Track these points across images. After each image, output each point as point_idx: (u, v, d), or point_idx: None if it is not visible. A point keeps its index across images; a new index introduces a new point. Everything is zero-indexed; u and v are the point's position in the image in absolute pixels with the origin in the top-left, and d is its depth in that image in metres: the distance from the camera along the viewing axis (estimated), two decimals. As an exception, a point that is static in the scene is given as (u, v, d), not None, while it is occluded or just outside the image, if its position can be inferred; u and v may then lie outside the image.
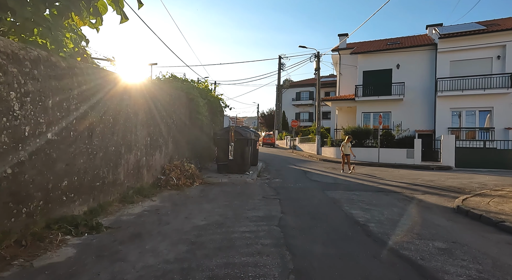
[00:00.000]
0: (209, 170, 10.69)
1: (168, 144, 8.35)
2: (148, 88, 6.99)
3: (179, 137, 9.36)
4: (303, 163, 16.21)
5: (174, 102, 8.78)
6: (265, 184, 8.68)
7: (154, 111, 7.35)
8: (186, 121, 9.96)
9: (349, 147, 12.44)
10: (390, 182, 9.80)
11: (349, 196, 7.21)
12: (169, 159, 8.46)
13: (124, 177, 5.93)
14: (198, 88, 11.55)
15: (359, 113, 21.36)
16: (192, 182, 8.10)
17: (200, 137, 11.72)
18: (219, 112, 13.82)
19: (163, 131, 8.00)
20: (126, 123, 5.94)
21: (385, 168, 14.36)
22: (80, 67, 4.53)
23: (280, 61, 37.68)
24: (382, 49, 20.69)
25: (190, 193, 7.09)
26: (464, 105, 17.71)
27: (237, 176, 9.38)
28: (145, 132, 6.82)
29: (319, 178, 10.34)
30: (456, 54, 18.14)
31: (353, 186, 8.77)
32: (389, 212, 5.65)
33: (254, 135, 11.44)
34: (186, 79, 11.10)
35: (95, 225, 4.13)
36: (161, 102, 7.77)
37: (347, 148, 12.37)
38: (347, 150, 12.38)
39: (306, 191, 7.75)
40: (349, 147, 12.44)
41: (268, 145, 33.90)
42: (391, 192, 7.96)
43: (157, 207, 5.59)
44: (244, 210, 5.48)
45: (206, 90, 12.02)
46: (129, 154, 6.10)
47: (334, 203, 6.37)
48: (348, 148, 12.37)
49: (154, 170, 7.42)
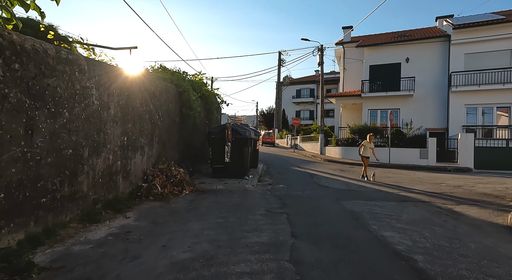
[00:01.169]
0: (203, 174, 9.37)
1: (152, 145, 7.03)
2: (125, 77, 5.66)
3: (167, 136, 8.04)
4: (307, 164, 14.91)
5: (160, 95, 7.45)
6: (267, 192, 7.37)
7: (134, 105, 6.03)
8: (175, 118, 8.64)
9: (371, 147, 10.13)
10: (411, 188, 8.50)
11: (371, 208, 5.91)
12: (154, 163, 7.14)
13: (89, 188, 4.61)
14: (191, 81, 10.21)
15: (365, 111, 20.05)
16: (181, 190, 6.78)
17: (193, 136, 10.40)
18: (215, 109, 12.49)
19: (146, 129, 6.68)
20: (91, 119, 4.61)
21: (398, 170, 13.06)
22: (8, 38, 3.20)
23: (280, 57, 36.35)
24: (390, 42, 19.38)
25: (177, 205, 5.77)
26: (481, 101, 16.41)
27: (235, 182, 8.06)
28: (120, 130, 5.50)
29: (329, 183, 9.03)
30: (471, 46, 16.83)
31: (371, 194, 7.47)
32: (431, 233, 4.35)
33: (254, 134, 10.13)
34: (177, 70, 9.75)
35: (24, 266, 2.82)
36: (143, 95, 6.45)
37: (367, 149, 10.04)
38: (368, 151, 10.05)
39: (317, 201, 6.44)
40: (371, 147, 10.13)
41: (268, 144, 32.59)
42: (419, 201, 6.67)
43: (129, 227, 4.27)
44: (243, 233, 4.17)
45: (200, 83, 10.68)
46: (97, 158, 4.78)
47: (357, 219, 5.06)
48: (369, 149, 10.05)
49: (133, 177, 6.10)
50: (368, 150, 10.00)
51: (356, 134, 17.28)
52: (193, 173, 8.94)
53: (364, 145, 10.05)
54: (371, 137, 10.10)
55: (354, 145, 17.19)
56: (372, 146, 10.08)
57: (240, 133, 8.48)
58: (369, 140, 10.04)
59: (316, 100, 45.32)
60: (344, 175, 11.08)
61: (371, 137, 10.09)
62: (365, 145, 10.05)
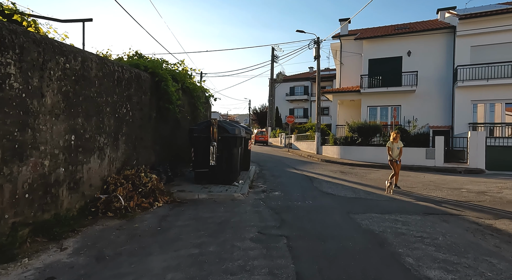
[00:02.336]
0: (185, 179, 8.00)
1: (117, 145, 5.63)
2: (73, 56, 4.26)
3: (140, 134, 6.65)
4: (303, 165, 13.62)
5: (129, 84, 6.05)
6: (260, 202, 6.04)
7: (88, 94, 4.63)
8: (151, 113, 7.24)
9: (400, 148, 7.90)
10: (428, 195, 7.28)
11: (392, 225, 4.64)
12: (120, 167, 5.74)
13: (4, 208, 3.21)
14: (171, 70, 8.80)
15: (364, 107, 18.87)
16: (152, 202, 5.41)
17: (175, 134, 9.02)
18: (202, 104, 11.06)
19: (108, 126, 5.28)
20: (8, 109, 3.22)
21: (405, 172, 11.86)
22: None
23: (273, 53, 35.06)
24: (391, 34, 18.21)
25: (142, 224, 4.40)
26: (489, 96, 15.33)
27: (221, 189, 6.72)
28: (63, 126, 4.10)
29: (332, 189, 7.75)
30: (478, 38, 15.75)
31: (385, 204, 6.21)
32: (492, 270, 3.08)
33: (245, 132, 8.79)
34: (156, 59, 8.32)
35: None
36: (102, 82, 5.05)
37: (396, 150, 7.87)
38: (396, 152, 7.87)
39: (323, 216, 5.14)
40: (400, 148, 7.90)
41: (261, 143, 31.27)
42: (447, 214, 5.42)
43: (55, 269, 2.90)
44: (225, 276, 2.83)
45: (183, 74, 9.27)
46: (19, 165, 3.38)
47: (381, 245, 3.77)
48: (397, 150, 7.88)
49: (86, 187, 4.70)
50: (397, 152, 7.85)
51: (356, 133, 16.06)
52: (172, 178, 7.57)
53: (391, 146, 7.90)
54: (397, 135, 7.86)
55: (354, 144, 16.00)
56: (401, 146, 7.92)
57: (228, 130, 7.13)
58: (395, 139, 7.86)
59: (311, 98, 44.19)
60: (347, 178, 9.82)
61: (396, 135, 7.85)
62: (393, 147, 7.90)
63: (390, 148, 7.88)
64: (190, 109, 10.50)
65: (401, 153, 7.88)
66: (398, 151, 7.86)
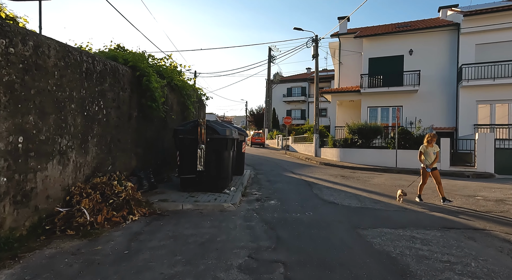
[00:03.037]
0: (171, 186, 7.20)
1: (86, 148, 4.82)
2: (20, 38, 3.46)
3: (118, 135, 5.85)
4: (301, 168, 12.86)
5: (102, 78, 5.25)
6: (253, 214, 5.24)
7: (43, 86, 3.83)
8: (132, 112, 6.44)
9: (436, 153, 6.60)
10: (440, 203, 6.53)
11: (410, 244, 3.87)
12: (90, 174, 4.93)
13: None
14: (158, 66, 7.99)
15: (364, 108, 18.16)
16: (126, 215, 4.59)
17: (161, 136, 8.21)
18: (193, 103, 10.24)
19: (74, 126, 4.48)
20: None
21: (409, 176, 11.12)
22: None
23: (270, 53, 34.34)
24: (392, 32, 17.54)
25: (107, 246, 3.59)
26: (495, 96, 14.67)
27: (210, 198, 5.92)
28: (4, 125, 3.29)
29: (334, 197, 6.97)
30: (483, 35, 15.11)
31: (396, 215, 5.44)
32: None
33: (238, 133, 8.00)
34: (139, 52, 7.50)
35: None
36: (65, 73, 4.25)
37: (431, 155, 6.58)
38: (432, 158, 6.58)
39: (327, 232, 4.35)
40: (436, 153, 6.60)
41: (258, 145, 30.50)
42: (469, 229, 4.66)
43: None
44: None
45: (171, 70, 8.46)
46: None
47: (403, 276, 2.99)
48: (433, 155, 6.58)
49: (41, 200, 3.88)
50: (432, 157, 6.56)
51: (356, 134, 15.34)
52: (156, 186, 6.76)
53: (424, 151, 6.64)
54: (433, 138, 6.55)
55: (354, 147, 15.28)
56: (437, 150, 6.62)
57: (218, 131, 6.33)
58: (430, 143, 6.57)
59: (308, 99, 43.52)
60: (349, 183, 9.06)
61: (432, 138, 6.54)
62: (427, 151, 6.60)
63: (423, 153, 6.64)
64: (180, 108, 9.70)
65: (437, 158, 6.60)
66: (434, 156, 6.55)
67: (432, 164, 6.55)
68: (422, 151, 6.67)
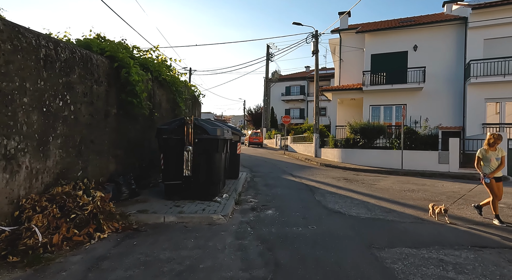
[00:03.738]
0: (156, 193, 6.40)
1: (46, 151, 4.00)
2: None
3: (91, 135, 5.04)
4: (301, 170, 12.07)
5: (69, 67, 4.44)
6: (247, 229, 4.45)
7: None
8: (111, 109, 5.64)
9: (501, 158, 5.09)
10: (461, 213, 5.75)
11: (441, 271, 3.10)
12: (51, 182, 4.12)
13: None
14: (143, 58, 7.16)
15: (367, 107, 17.38)
16: (93, 232, 3.79)
17: (146, 136, 7.38)
18: (184, 101, 9.41)
19: (27, 124, 3.67)
20: None
21: (416, 179, 10.37)
22: None
23: (268, 50, 33.52)
24: (396, 27, 16.76)
25: (56, 278, 2.78)
26: (505, 94, 13.90)
27: (197, 208, 5.12)
28: None
29: (340, 204, 6.19)
30: (492, 30, 14.34)
31: (415, 230, 4.66)
32: None
33: (232, 133, 7.21)
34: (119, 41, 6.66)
35: None
36: (15, 59, 3.45)
37: (494, 161, 5.09)
38: (495, 165, 5.09)
39: (336, 255, 3.56)
40: (501, 158, 5.09)
41: (256, 145, 29.70)
42: (506, 248, 3.89)
43: None
44: None
45: (158, 64, 7.64)
46: None
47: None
48: (496, 161, 5.08)
49: (-23, 217, 3.08)
50: (495, 163, 5.08)
51: (358, 134, 14.58)
52: (138, 192, 5.95)
53: (483, 156, 5.19)
54: (496, 140, 5.06)
55: (356, 147, 14.51)
56: (503, 155, 5.12)
57: (208, 131, 5.53)
58: (491, 145, 5.10)
59: (307, 98, 42.76)
60: (353, 187, 8.27)
61: (496, 140, 5.06)
62: (487, 157, 5.14)
63: (481, 158, 5.20)
64: (170, 106, 8.89)
65: (502, 165, 5.07)
66: (498, 163, 5.07)
67: (495, 172, 5.07)
68: (481, 157, 5.22)
